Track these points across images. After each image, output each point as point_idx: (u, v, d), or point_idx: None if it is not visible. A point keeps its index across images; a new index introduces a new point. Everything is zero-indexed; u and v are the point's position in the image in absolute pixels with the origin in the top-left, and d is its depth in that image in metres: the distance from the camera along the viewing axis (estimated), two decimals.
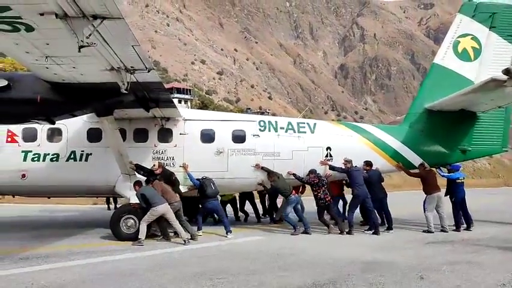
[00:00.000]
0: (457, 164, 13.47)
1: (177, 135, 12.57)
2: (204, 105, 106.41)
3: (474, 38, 13.99)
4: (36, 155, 12.13)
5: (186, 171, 12.21)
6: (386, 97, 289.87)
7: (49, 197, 14.01)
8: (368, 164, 12.66)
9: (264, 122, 13.26)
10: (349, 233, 11.84)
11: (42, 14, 5.92)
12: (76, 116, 10.81)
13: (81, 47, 6.49)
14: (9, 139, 12.11)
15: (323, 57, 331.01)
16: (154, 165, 11.65)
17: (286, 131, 13.13)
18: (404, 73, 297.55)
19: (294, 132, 13.17)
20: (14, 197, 13.84)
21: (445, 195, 12.97)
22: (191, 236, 10.86)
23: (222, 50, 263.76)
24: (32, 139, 12.20)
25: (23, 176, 11.97)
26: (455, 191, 12.80)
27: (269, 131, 13.06)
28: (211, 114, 14.62)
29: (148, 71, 8.68)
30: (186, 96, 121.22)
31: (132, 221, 10.86)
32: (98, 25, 6.26)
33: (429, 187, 12.40)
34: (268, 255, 8.90)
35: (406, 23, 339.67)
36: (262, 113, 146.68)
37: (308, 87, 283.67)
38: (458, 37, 14.04)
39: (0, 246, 9.97)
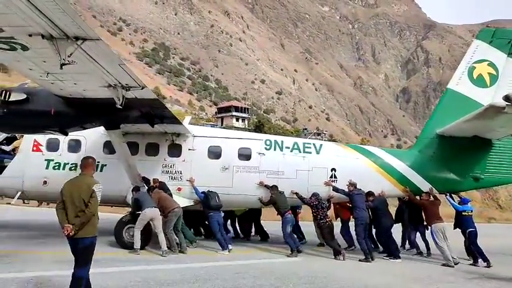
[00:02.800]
0: (466, 198, 13.07)
1: (186, 151, 13.09)
2: (260, 124, 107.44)
3: (491, 64, 13.70)
4: (57, 164, 12.97)
5: (192, 185, 12.66)
6: None
7: None
8: (370, 194, 12.52)
9: (270, 141, 13.56)
10: (366, 260, 11.60)
11: (30, 35, 6.64)
12: (86, 128, 11.49)
13: (63, 64, 7.11)
14: (34, 148, 13.03)
15: (384, 80, 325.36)
16: (153, 179, 12.27)
17: (291, 151, 13.33)
18: None
19: (300, 152, 13.34)
20: (39, 203, 14.54)
21: (454, 228, 12.69)
22: (181, 249, 11.30)
23: (282, 70, 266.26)
24: (55, 149, 13.08)
25: (45, 182, 12.77)
26: (462, 224, 12.44)
27: (274, 149, 13.31)
28: (219, 132, 15.18)
29: (142, 88, 9.28)
30: (244, 115, 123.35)
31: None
32: (80, 45, 6.89)
33: (429, 218, 12.20)
34: (302, 278, 8.99)
35: None
36: (319, 134, 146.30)
37: (368, 109, 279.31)
38: (474, 63, 13.78)
39: (53, 250, 10.43)
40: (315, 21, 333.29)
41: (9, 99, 10.00)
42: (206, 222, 13.94)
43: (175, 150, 13.14)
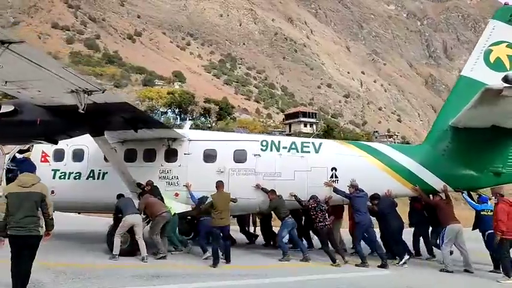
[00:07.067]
0: (485, 196, 11.87)
1: (182, 155, 12.90)
2: (329, 129, 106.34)
3: (510, 46, 12.22)
4: (63, 174, 13.30)
5: (189, 190, 12.44)
6: None
7: (79, 213, 15.05)
8: (375, 197, 11.73)
9: (266, 141, 13.00)
10: (362, 265, 10.91)
11: None
12: (73, 136, 11.55)
13: None
14: (42, 159, 13.40)
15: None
16: (146, 181, 12.19)
17: (288, 151, 12.74)
18: None
19: (297, 151, 12.72)
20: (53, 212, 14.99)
21: (473, 228, 11.59)
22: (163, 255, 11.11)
23: (348, 73, 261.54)
24: (60, 159, 13.39)
25: (52, 192, 12.61)
26: (481, 224, 11.30)
27: (271, 150, 12.78)
28: (214, 135, 14.83)
29: (103, 92, 9.09)
30: (312, 120, 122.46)
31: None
32: (7, 48, 6.69)
33: (446, 218, 11.07)
34: None
35: None
36: (390, 136, 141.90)
37: None
38: (490, 45, 12.36)
39: (130, 264, 10.50)
40: (381, 21, 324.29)
41: None
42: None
43: (171, 155, 13.01)
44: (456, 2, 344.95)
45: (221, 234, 10.88)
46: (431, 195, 12.06)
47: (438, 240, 11.53)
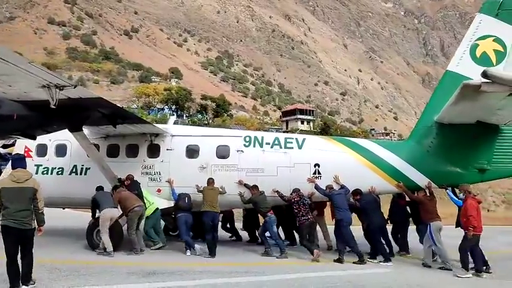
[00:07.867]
0: None
1: (164, 151, 12.74)
2: (326, 126, 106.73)
3: (497, 40, 11.91)
4: (46, 169, 13.06)
5: (171, 186, 12.33)
6: None
7: (64, 208, 14.79)
8: (357, 192, 11.59)
9: (249, 137, 12.85)
10: (360, 262, 10.86)
11: None
12: (50, 131, 11.49)
13: None
14: (25, 154, 12.77)
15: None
16: (127, 175, 12.04)
17: (271, 147, 12.60)
18: None
19: (280, 147, 12.58)
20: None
21: (456, 226, 11.28)
22: (140, 249, 11.04)
23: (345, 70, 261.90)
24: (43, 154, 13.18)
25: None
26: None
27: (254, 146, 12.64)
28: (197, 130, 14.63)
29: (74, 87, 8.93)
30: (309, 117, 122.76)
31: None
32: None
33: (429, 214, 10.99)
34: None
35: None
36: (387, 134, 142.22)
37: None
38: (476, 40, 12.07)
39: (125, 260, 10.28)
40: (378, 19, 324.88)
41: None
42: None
43: (154, 150, 12.87)
44: (453, 0, 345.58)
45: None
46: (416, 192, 11.95)
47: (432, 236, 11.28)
